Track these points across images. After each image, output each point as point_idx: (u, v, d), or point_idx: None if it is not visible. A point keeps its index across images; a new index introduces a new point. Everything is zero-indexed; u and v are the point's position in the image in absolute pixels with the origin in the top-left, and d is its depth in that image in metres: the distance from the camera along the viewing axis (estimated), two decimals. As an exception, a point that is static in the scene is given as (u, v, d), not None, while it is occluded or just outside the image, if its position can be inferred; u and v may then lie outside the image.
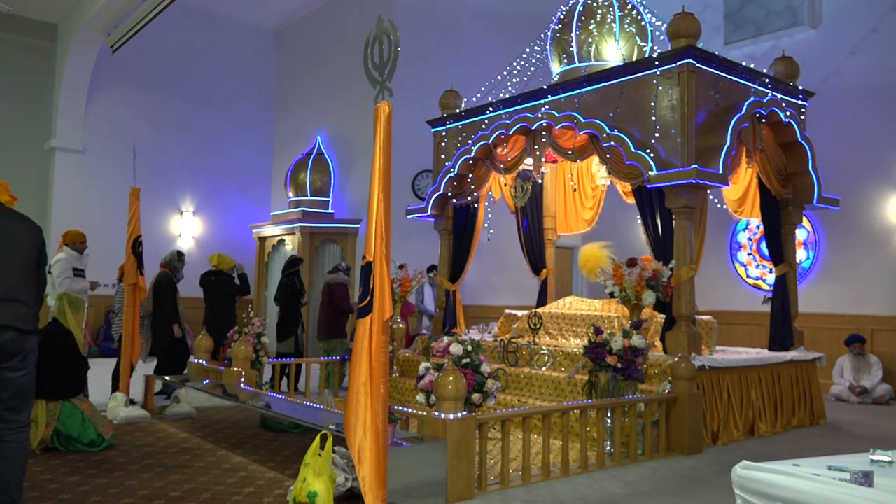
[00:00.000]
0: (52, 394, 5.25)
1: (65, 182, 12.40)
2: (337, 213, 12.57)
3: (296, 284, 8.50)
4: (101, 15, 11.40)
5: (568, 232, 9.63)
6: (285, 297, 8.48)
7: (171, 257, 8.06)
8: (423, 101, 10.27)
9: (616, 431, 5.34)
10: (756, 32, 10.60)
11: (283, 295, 8.51)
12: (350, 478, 4.06)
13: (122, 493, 4.21)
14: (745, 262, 10.78)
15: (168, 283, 7.81)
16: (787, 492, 2.56)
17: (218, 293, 8.32)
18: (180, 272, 8.04)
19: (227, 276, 8.42)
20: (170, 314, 7.69)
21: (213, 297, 8.34)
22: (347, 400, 3.46)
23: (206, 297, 8.42)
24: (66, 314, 5.48)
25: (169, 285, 7.80)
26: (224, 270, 8.41)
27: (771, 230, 7.41)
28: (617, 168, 6.73)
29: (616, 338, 5.49)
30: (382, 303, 3.41)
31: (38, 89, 12.86)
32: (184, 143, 13.60)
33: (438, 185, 8.48)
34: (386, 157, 3.42)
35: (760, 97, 6.76)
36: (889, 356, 9.02)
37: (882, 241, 9.32)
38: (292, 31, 14.64)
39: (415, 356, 8.15)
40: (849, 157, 9.43)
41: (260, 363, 7.17)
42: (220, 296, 8.30)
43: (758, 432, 6.50)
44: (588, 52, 7.78)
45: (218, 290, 8.33)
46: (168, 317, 7.68)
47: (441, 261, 8.85)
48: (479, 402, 4.64)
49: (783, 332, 7.30)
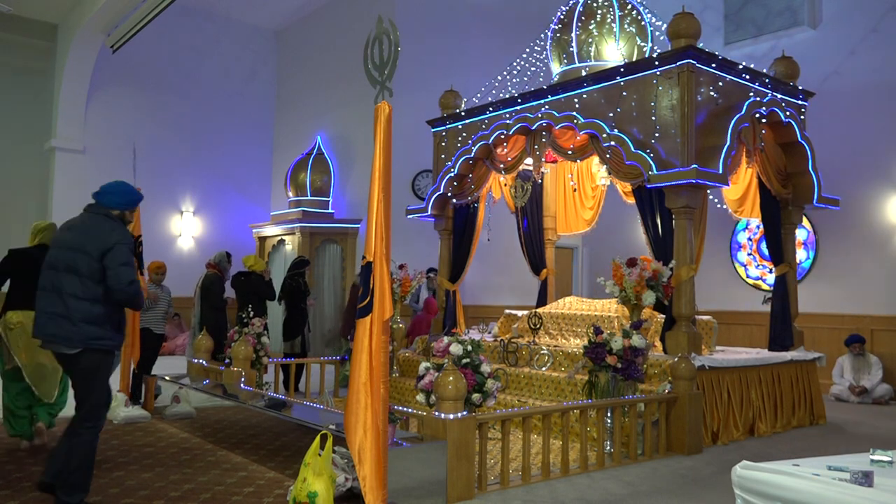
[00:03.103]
0: None
1: (65, 182, 12.39)
2: (337, 213, 12.57)
3: (300, 285, 8.53)
4: (101, 15, 11.39)
5: (568, 232, 9.63)
6: (288, 297, 8.52)
7: (221, 258, 8.21)
8: (423, 101, 10.27)
9: (616, 431, 5.34)
10: (756, 32, 10.60)
11: (286, 295, 8.57)
12: (350, 478, 4.06)
13: (122, 493, 4.22)
14: (745, 262, 10.78)
15: (220, 283, 8.05)
16: (787, 492, 2.56)
17: (248, 294, 8.34)
18: (228, 272, 8.26)
19: (259, 276, 8.44)
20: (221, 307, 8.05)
21: (244, 297, 8.37)
22: (347, 400, 3.46)
23: (238, 297, 8.46)
24: None
25: (220, 285, 8.05)
26: (256, 272, 8.44)
27: (771, 230, 7.41)
28: (617, 168, 6.73)
29: (616, 338, 5.49)
30: (382, 303, 3.41)
31: (38, 89, 12.85)
32: (184, 143, 13.60)
33: (438, 185, 8.48)
34: (386, 157, 3.43)
35: (760, 97, 6.76)
36: (889, 356, 9.02)
37: (882, 241, 9.32)
38: (292, 32, 14.63)
39: (415, 356, 8.15)
40: (849, 157, 9.43)
41: (260, 363, 7.18)
42: (250, 297, 8.32)
43: (758, 432, 6.50)
44: (588, 52, 7.78)
45: (248, 291, 8.35)
46: (219, 310, 8.02)
47: (441, 261, 8.85)
48: (479, 402, 4.64)
49: (783, 332, 7.30)
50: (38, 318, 3.84)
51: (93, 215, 3.95)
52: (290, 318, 8.52)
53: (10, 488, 4.27)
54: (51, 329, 3.77)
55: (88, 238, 3.81)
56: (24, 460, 4.97)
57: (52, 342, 3.81)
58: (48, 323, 3.78)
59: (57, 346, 3.81)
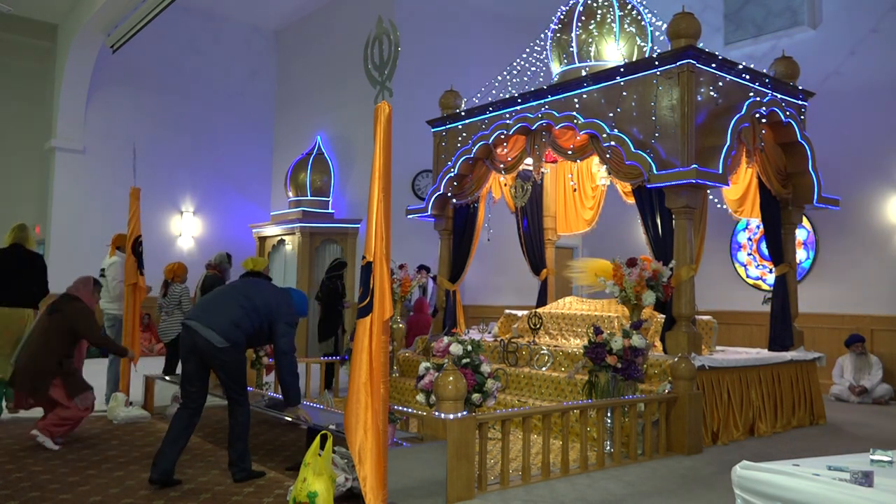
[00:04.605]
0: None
1: (65, 182, 12.40)
2: (337, 213, 12.58)
3: (338, 287, 8.52)
4: (101, 15, 11.40)
5: (568, 232, 9.62)
6: (326, 298, 8.56)
7: (221, 259, 8.16)
8: (423, 101, 10.27)
9: (616, 431, 5.33)
10: (756, 32, 10.60)
11: (324, 296, 8.61)
12: (350, 478, 4.06)
13: (122, 493, 4.22)
14: (745, 262, 10.78)
15: (220, 284, 7.97)
16: (787, 492, 2.56)
17: None
18: (228, 272, 8.22)
19: (266, 276, 8.43)
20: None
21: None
22: (347, 400, 3.46)
23: None
24: None
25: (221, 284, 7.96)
26: (261, 271, 8.44)
27: (771, 230, 7.41)
28: (617, 168, 6.73)
29: (616, 338, 5.49)
30: (382, 303, 3.41)
31: (38, 89, 12.86)
32: (184, 143, 13.60)
33: (438, 185, 8.48)
34: (386, 157, 3.42)
35: (760, 97, 6.76)
36: (889, 356, 9.02)
37: (882, 241, 9.32)
38: (292, 32, 14.64)
39: (415, 356, 8.15)
40: (849, 157, 9.43)
41: (260, 363, 7.18)
42: None
43: (758, 432, 6.50)
44: (588, 52, 7.78)
45: None
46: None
47: (441, 261, 8.84)
48: (479, 402, 4.64)
49: (783, 332, 7.30)
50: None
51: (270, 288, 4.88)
52: (325, 319, 8.55)
53: (10, 488, 4.27)
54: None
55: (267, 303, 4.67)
56: (24, 460, 4.97)
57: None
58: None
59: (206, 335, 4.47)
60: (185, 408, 4.55)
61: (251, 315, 4.54)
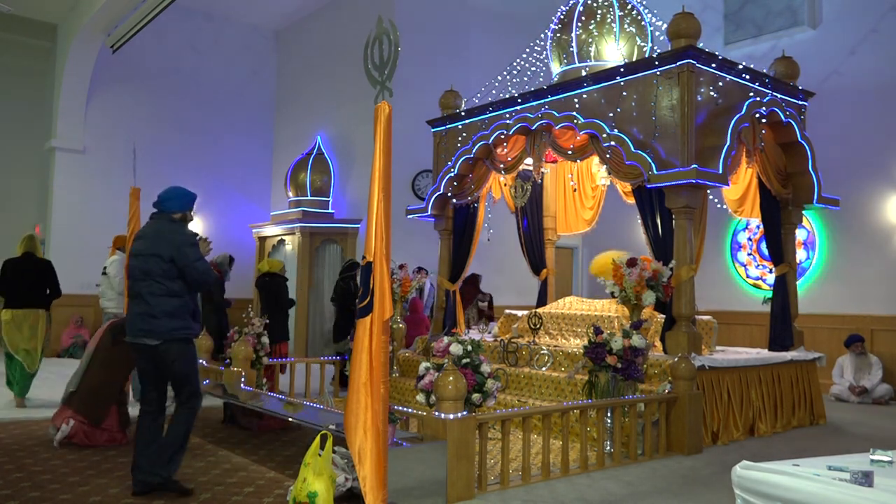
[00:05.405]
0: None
1: (65, 182, 12.40)
2: (337, 213, 12.57)
3: (351, 288, 8.54)
4: (101, 15, 11.40)
5: (568, 232, 9.62)
6: (340, 299, 8.63)
7: (223, 260, 8.21)
8: (423, 101, 10.27)
9: (616, 431, 5.33)
10: (756, 32, 10.60)
11: (338, 297, 8.69)
12: (350, 478, 4.06)
13: (122, 493, 4.22)
14: (745, 262, 10.78)
15: (220, 284, 8.03)
16: (787, 492, 2.56)
17: (271, 294, 8.33)
18: (228, 274, 8.29)
19: (282, 277, 8.42)
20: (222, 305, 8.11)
21: (267, 299, 8.32)
22: (347, 400, 3.46)
23: (262, 299, 8.45)
24: None
25: (221, 286, 8.05)
26: (277, 273, 8.43)
27: (771, 230, 7.41)
28: (617, 168, 6.73)
29: (616, 338, 5.49)
30: (382, 303, 3.41)
31: (38, 89, 12.87)
32: (184, 143, 13.61)
33: (438, 185, 8.48)
34: (386, 157, 3.42)
35: (760, 97, 6.76)
36: (889, 356, 9.02)
37: (882, 241, 9.32)
38: (292, 32, 14.64)
39: (415, 356, 8.14)
40: (849, 157, 9.43)
41: (260, 363, 7.17)
42: (270, 299, 8.29)
43: (758, 432, 6.49)
44: (588, 52, 7.78)
45: (271, 292, 8.34)
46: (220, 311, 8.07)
47: (441, 261, 8.84)
48: (479, 402, 4.63)
49: (783, 332, 7.30)
50: (128, 319, 4.34)
51: (157, 222, 4.44)
52: (339, 320, 8.62)
53: (10, 488, 4.27)
54: (137, 325, 4.23)
55: (157, 243, 4.28)
56: (23, 460, 4.97)
57: (138, 337, 4.24)
58: (135, 321, 4.24)
59: (142, 339, 4.22)
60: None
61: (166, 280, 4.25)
